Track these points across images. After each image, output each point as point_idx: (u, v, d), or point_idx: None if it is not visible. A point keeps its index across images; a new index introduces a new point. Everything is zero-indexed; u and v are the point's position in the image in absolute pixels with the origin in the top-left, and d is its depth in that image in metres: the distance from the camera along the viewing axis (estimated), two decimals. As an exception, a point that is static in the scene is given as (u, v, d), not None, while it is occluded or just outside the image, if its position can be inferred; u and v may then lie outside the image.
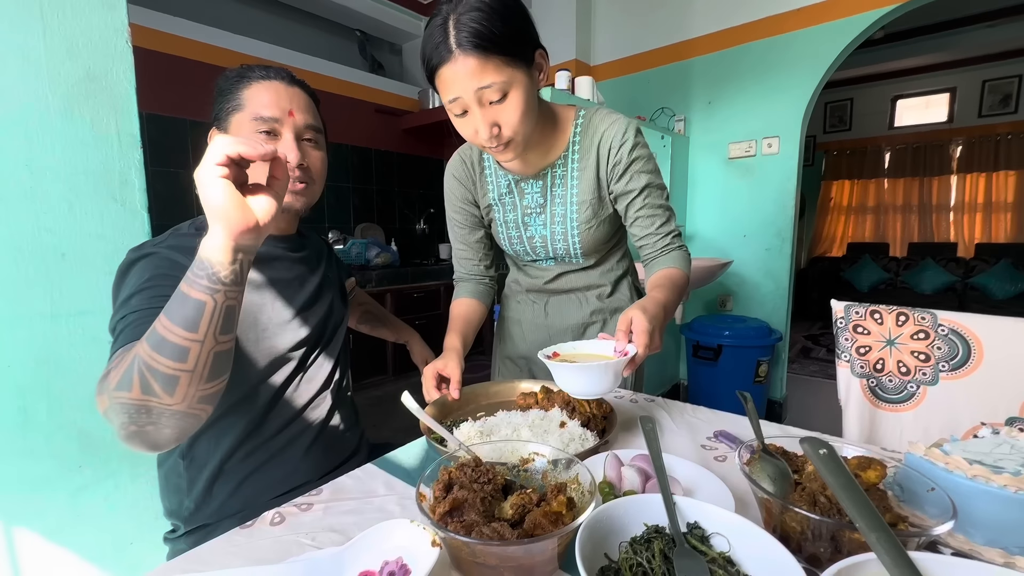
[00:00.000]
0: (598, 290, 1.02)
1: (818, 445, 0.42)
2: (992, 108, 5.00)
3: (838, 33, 2.29)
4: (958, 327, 0.80)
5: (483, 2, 0.68)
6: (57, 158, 0.78)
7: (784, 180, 2.52)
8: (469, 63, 0.68)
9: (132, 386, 0.49)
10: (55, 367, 0.80)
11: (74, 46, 0.78)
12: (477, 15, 0.67)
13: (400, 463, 0.68)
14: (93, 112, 0.81)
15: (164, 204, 2.35)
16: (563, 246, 0.96)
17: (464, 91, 0.70)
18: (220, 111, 0.75)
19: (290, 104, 0.75)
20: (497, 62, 0.69)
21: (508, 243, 1.00)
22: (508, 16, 0.69)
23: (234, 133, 0.72)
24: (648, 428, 0.53)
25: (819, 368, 3.68)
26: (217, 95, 0.75)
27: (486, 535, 0.39)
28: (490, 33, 0.67)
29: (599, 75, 3.05)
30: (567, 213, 0.92)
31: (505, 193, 0.95)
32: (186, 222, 0.76)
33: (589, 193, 0.90)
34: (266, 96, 0.73)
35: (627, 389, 1.01)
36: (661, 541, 0.40)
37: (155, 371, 0.49)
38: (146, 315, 0.59)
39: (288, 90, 0.75)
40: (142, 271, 0.65)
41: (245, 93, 0.73)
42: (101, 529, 0.87)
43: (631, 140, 0.87)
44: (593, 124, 0.89)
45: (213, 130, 0.75)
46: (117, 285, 0.67)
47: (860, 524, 0.35)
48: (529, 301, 1.08)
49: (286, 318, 0.77)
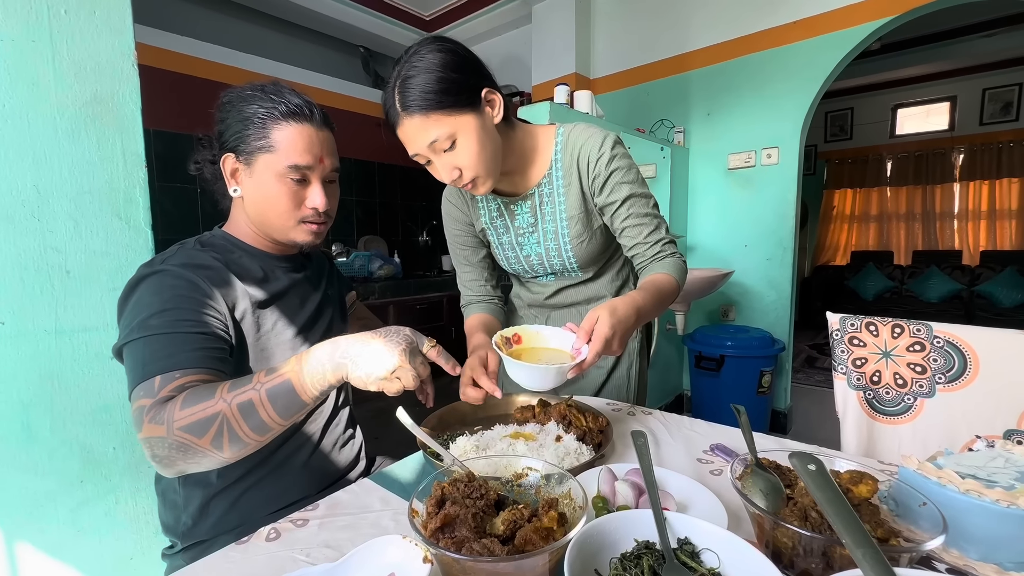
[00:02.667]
0: (599, 302, 0.99)
1: (807, 460, 0.42)
2: (993, 116, 5.01)
3: (835, 45, 2.31)
4: (954, 339, 0.80)
5: (421, 64, 0.73)
6: (64, 178, 0.80)
7: (784, 190, 2.53)
8: (415, 122, 0.74)
9: (205, 436, 0.56)
10: (58, 383, 0.81)
11: (82, 70, 0.80)
12: (417, 79, 0.73)
13: (397, 478, 0.68)
14: (99, 133, 0.83)
15: (170, 220, 2.39)
16: (559, 261, 0.97)
17: (418, 147, 0.76)
18: (241, 141, 0.72)
19: (321, 150, 0.75)
20: (438, 116, 0.73)
21: (506, 263, 1.02)
22: (443, 72, 0.73)
23: (260, 172, 0.72)
24: (640, 443, 0.53)
25: (824, 378, 3.65)
26: (235, 120, 0.73)
27: (476, 551, 0.39)
28: (427, 92, 0.72)
29: (598, 88, 3.08)
30: (558, 229, 0.93)
31: (496, 216, 0.96)
32: (191, 239, 0.77)
33: (577, 208, 0.91)
34: (300, 142, 0.73)
35: (627, 402, 1.01)
36: (651, 557, 0.41)
37: (234, 433, 0.57)
38: (175, 341, 0.62)
39: (319, 135, 0.75)
40: (155, 289, 0.66)
41: (276, 135, 0.72)
42: (101, 544, 0.87)
43: (608, 152, 0.87)
44: (572, 140, 0.90)
45: (229, 157, 0.74)
46: (124, 299, 0.68)
47: (847, 540, 0.35)
48: (531, 316, 1.09)
49: (287, 337, 0.78)
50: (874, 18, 2.21)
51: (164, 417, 0.57)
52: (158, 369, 0.60)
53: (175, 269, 0.68)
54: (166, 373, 0.60)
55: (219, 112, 0.75)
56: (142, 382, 0.60)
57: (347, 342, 0.59)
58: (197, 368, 0.62)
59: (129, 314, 0.65)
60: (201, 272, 0.69)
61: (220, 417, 0.56)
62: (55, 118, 0.79)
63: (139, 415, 0.58)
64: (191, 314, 0.65)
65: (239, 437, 0.57)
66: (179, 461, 0.58)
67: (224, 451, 0.58)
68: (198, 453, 0.57)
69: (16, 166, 0.75)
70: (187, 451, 0.57)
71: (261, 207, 0.75)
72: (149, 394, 0.59)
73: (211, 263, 0.72)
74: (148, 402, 0.58)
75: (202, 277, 0.69)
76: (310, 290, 0.86)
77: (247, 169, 0.74)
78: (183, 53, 2.30)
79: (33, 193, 0.77)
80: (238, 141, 0.73)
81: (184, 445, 0.56)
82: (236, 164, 0.74)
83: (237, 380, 0.60)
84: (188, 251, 0.73)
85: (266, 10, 2.83)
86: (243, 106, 0.73)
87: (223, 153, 0.74)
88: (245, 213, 0.78)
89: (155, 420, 0.57)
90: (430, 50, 0.74)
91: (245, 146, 0.72)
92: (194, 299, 0.66)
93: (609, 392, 1.05)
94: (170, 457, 0.57)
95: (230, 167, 0.75)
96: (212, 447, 0.57)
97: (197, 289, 0.67)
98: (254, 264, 0.78)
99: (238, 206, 0.79)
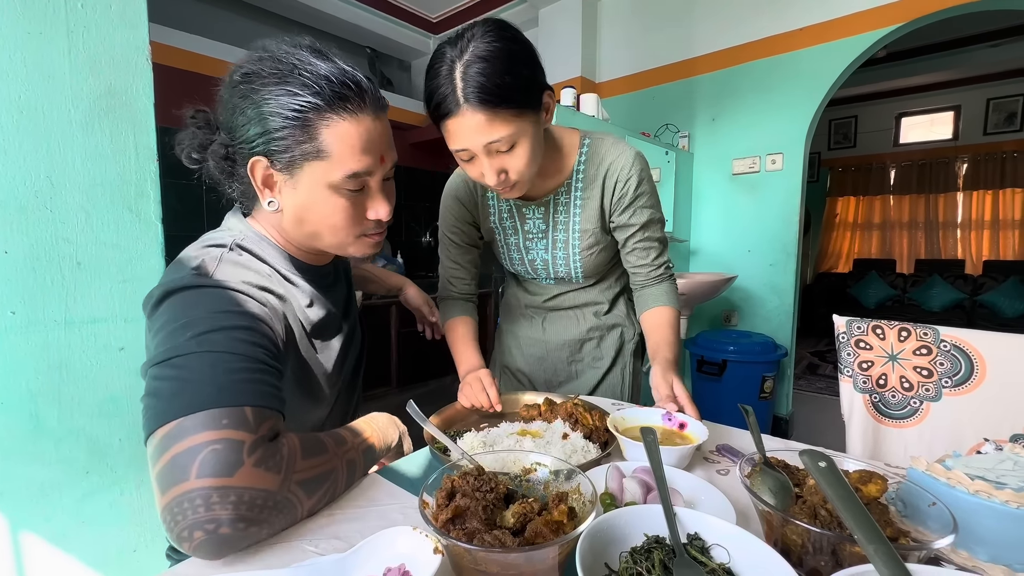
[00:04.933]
0: (595, 307, 1.03)
1: (818, 458, 0.42)
2: (997, 126, 5.01)
3: (841, 53, 2.32)
4: (960, 343, 0.80)
5: (490, 52, 0.65)
6: (77, 170, 0.80)
7: (788, 196, 2.54)
8: (477, 118, 0.66)
9: (313, 496, 0.51)
10: (67, 373, 0.81)
11: (97, 63, 0.81)
12: (484, 67, 0.64)
13: (404, 472, 0.68)
14: (112, 126, 0.84)
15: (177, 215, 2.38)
16: (565, 270, 0.96)
17: (470, 143, 0.69)
18: (273, 143, 0.56)
19: (381, 144, 0.60)
20: (505, 116, 0.67)
21: (509, 263, 1.01)
22: (515, 66, 0.66)
23: (308, 184, 0.58)
24: (650, 439, 0.53)
25: (826, 385, 3.64)
26: (258, 113, 0.56)
27: (487, 542, 0.40)
28: (497, 88, 0.64)
29: (604, 92, 3.09)
30: (569, 240, 0.92)
31: (506, 217, 0.95)
32: (224, 236, 0.64)
33: (593, 222, 0.90)
34: (358, 142, 0.57)
35: (628, 401, 1.02)
36: (661, 551, 0.41)
37: (334, 494, 0.54)
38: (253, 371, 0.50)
39: (377, 125, 0.59)
40: (212, 302, 0.53)
41: (327, 136, 0.56)
42: (105, 535, 0.87)
43: (637, 175, 0.86)
44: (599, 153, 0.87)
45: (260, 163, 0.58)
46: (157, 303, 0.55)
47: (858, 536, 0.35)
48: (528, 316, 1.09)
49: (329, 364, 0.73)
50: (880, 26, 2.21)
51: (283, 465, 0.46)
52: (246, 398, 0.47)
53: (238, 285, 0.56)
54: (258, 407, 0.47)
55: (229, 93, 0.60)
56: (217, 407, 0.45)
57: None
58: (278, 411, 0.51)
59: (174, 322, 0.51)
60: (262, 294, 0.58)
61: (333, 476, 0.51)
62: (70, 110, 0.79)
63: (231, 451, 0.43)
64: (262, 344, 0.53)
65: (328, 499, 0.51)
66: (253, 529, 0.45)
67: (303, 516, 0.50)
68: (283, 520, 0.47)
69: (31, 157, 0.76)
70: (280, 514, 0.46)
71: (311, 224, 0.62)
72: (243, 426, 0.45)
73: (268, 283, 0.61)
74: (245, 437, 0.45)
75: (264, 301, 0.58)
76: (340, 316, 0.77)
77: (288, 180, 0.59)
78: (192, 51, 2.32)
79: (46, 184, 0.77)
80: (269, 143, 0.57)
81: (287, 504, 0.46)
82: (270, 171, 0.59)
83: (331, 434, 0.55)
84: (234, 264, 0.59)
85: (274, 9, 2.85)
86: (269, 94, 0.55)
87: (241, 149, 0.60)
88: (279, 221, 0.65)
89: (268, 466, 0.45)
90: (499, 37, 0.66)
91: (283, 153, 0.57)
92: (261, 332, 0.54)
93: (604, 392, 1.06)
94: (255, 520, 0.44)
95: (261, 174, 0.59)
96: (305, 512, 0.49)
97: (260, 319, 0.55)
98: (300, 279, 0.67)
99: (269, 213, 0.65)
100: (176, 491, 0.43)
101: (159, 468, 0.45)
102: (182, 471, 0.43)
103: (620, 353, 1.06)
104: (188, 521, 0.42)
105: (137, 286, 0.87)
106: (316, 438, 0.53)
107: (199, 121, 0.64)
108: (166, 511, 0.43)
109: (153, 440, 0.46)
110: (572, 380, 1.06)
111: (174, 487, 0.43)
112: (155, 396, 0.48)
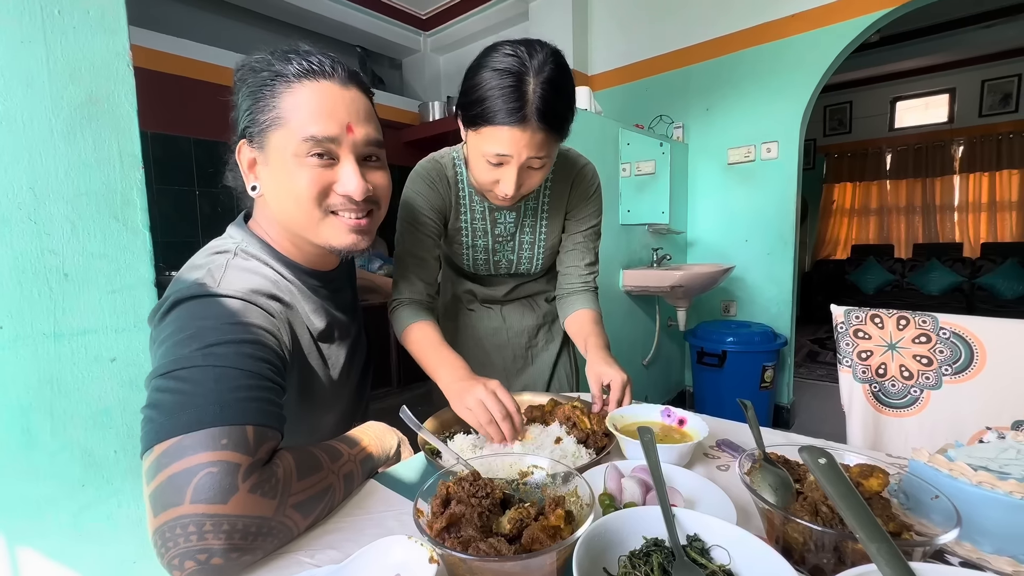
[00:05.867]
0: (546, 294, 1.10)
1: (817, 454, 0.41)
2: (992, 108, 4.99)
3: (834, 38, 2.30)
4: (960, 330, 0.80)
5: (562, 78, 0.70)
6: (60, 180, 0.79)
7: (784, 184, 2.52)
8: (538, 137, 0.70)
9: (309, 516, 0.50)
10: (58, 386, 0.80)
11: (76, 71, 0.80)
12: (558, 93, 0.69)
13: (400, 478, 0.67)
14: (95, 134, 0.82)
15: (170, 222, 2.38)
16: (527, 267, 1.01)
17: (519, 156, 0.71)
18: (251, 122, 0.58)
19: (347, 114, 0.57)
20: (554, 140, 0.73)
21: (472, 263, 1.00)
22: (572, 97, 0.73)
23: (275, 157, 0.57)
24: (647, 439, 0.52)
25: (826, 372, 3.64)
26: (244, 95, 0.59)
27: (483, 551, 0.39)
28: (562, 114, 0.71)
29: (596, 85, 3.07)
30: (535, 241, 0.98)
31: (479, 219, 0.95)
32: (228, 243, 0.64)
33: (558, 225, 0.97)
34: (315, 103, 0.55)
35: (575, 391, 1.07)
36: (660, 554, 0.40)
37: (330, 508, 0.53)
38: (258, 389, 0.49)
39: (344, 94, 0.57)
40: (218, 315, 0.53)
41: (286, 100, 0.55)
42: (104, 548, 0.86)
43: (596, 183, 0.96)
44: (567, 165, 0.94)
45: (244, 145, 0.60)
46: (165, 313, 0.54)
47: (861, 535, 0.34)
48: (484, 309, 1.09)
49: (336, 375, 0.73)
50: (873, 10, 2.20)
51: (278, 489, 0.45)
52: (249, 417, 0.46)
53: (245, 295, 0.55)
54: (260, 427, 0.46)
55: (233, 92, 0.62)
56: (219, 425, 0.44)
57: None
58: (278, 430, 0.50)
59: (181, 332, 0.51)
60: (268, 303, 0.57)
61: (330, 492, 0.50)
62: (51, 119, 0.78)
63: (227, 475, 0.42)
64: (267, 359, 0.52)
65: (325, 514, 0.51)
66: (246, 558, 0.44)
67: (299, 535, 0.49)
68: (277, 543, 0.46)
69: (12, 169, 0.75)
70: (274, 539, 0.45)
71: (281, 202, 0.60)
72: (241, 447, 0.44)
73: (275, 290, 0.60)
74: (242, 459, 0.43)
75: (271, 310, 0.56)
76: (348, 323, 0.75)
77: (261, 155, 0.59)
78: (180, 55, 2.29)
79: (29, 195, 0.76)
80: (249, 121, 0.58)
81: (281, 529, 0.45)
82: (252, 152, 0.60)
83: (326, 448, 0.54)
84: (242, 271, 0.58)
85: (262, 11, 2.83)
86: (252, 77, 0.58)
87: (235, 142, 0.62)
88: (269, 214, 0.64)
89: (263, 492, 0.44)
90: (564, 66, 0.71)
91: (255, 126, 0.57)
92: (268, 345, 0.53)
93: (559, 378, 1.12)
94: (248, 549, 0.43)
95: (247, 157, 0.60)
96: (300, 531, 0.48)
97: (267, 330, 0.54)
98: (306, 285, 0.66)
99: (262, 206, 0.65)
100: (169, 515, 0.42)
101: (154, 487, 0.44)
102: (176, 493, 0.42)
103: (566, 336, 1.11)
104: (180, 549, 0.41)
105: (126, 296, 0.86)
106: (311, 455, 0.52)
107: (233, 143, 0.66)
108: (157, 534, 0.42)
109: (150, 456, 0.45)
110: (528, 366, 1.11)
111: (167, 510, 0.42)
112: (156, 409, 0.46)
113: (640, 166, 2.57)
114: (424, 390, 3.02)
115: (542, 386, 1.10)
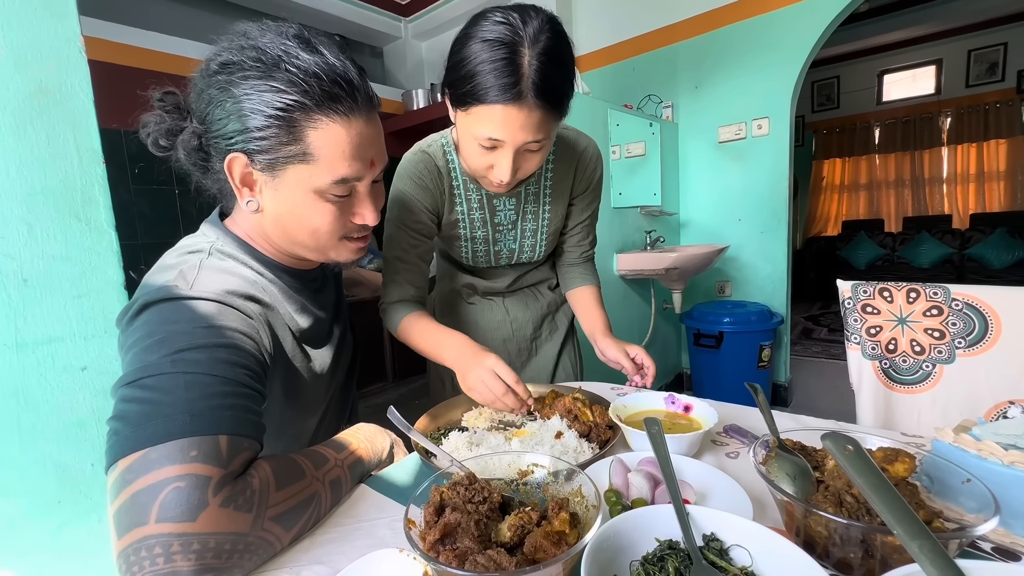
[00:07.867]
0: (548, 282, 1.07)
1: (843, 441, 0.38)
2: (979, 78, 4.98)
3: (822, 8, 2.25)
4: (973, 300, 0.76)
5: (560, 48, 0.62)
6: (11, 178, 0.73)
7: (776, 160, 2.49)
8: (535, 115, 0.62)
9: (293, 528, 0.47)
10: (24, 400, 0.75)
11: (22, 58, 0.73)
12: (556, 65, 0.61)
13: (393, 481, 0.63)
14: (48, 127, 0.76)
15: (149, 222, 2.30)
16: (529, 255, 0.96)
17: (513, 139, 0.64)
18: (253, 142, 0.52)
19: (372, 148, 0.56)
20: (553, 118, 0.65)
21: (471, 256, 0.94)
22: (572, 70, 0.65)
23: (291, 188, 0.54)
24: (654, 431, 0.49)
25: (822, 348, 3.65)
26: (237, 107, 0.52)
27: (481, 565, 0.35)
28: (561, 89, 0.63)
29: (583, 66, 3.00)
30: (539, 227, 0.92)
31: (476, 209, 0.88)
32: (202, 242, 0.61)
33: (562, 209, 0.92)
34: (348, 146, 0.53)
35: (577, 380, 1.05)
36: (676, 558, 0.36)
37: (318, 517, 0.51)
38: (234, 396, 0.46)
39: (369, 128, 0.56)
40: (190, 318, 0.50)
41: (315, 139, 0.52)
42: (86, 565, 0.82)
43: (600, 166, 0.92)
44: (568, 145, 0.88)
45: (238, 160, 0.54)
46: (133, 317, 0.51)
47: (899, 532, 0.31)
48: (486, 302, 1.04)
49: (319, 374, 0.70)
50: (862, -22, 2.15)
51: (254, 502, 0.42)
52: (222, 426, 0.43)
53: (220, 296, 0.52)
54: (235, 436, 0.43)
55: (205, 83, 0.56)
56: (187, 436, 0.41)
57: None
58: (256, 440, 0.47)
59: (149, 337, 0.47)
60: (246, 304, 0.54)
61: (315, 501, 0.47)
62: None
63: (195, 490, 0.39)
64: (244, 364, 0.49)
65: (311, 525, 0.48)
66: (223, 575, 0.40)
67: (282, 549, 0.46)
68: (257, 560, 0.43)
69: (-45, 167, 0.69)
70: (253, 556, 0.42)
71: (292, 228, 0.59)
72: (213, 459, 0.41)
73: (252, 291, 0.57)
74: (213, 472, 0.40)
75: (248, 312, 0.54)
76: (330, 321, 0.74)
77: (270, 180, 0.55)
78: (150, 48, 2.19)
79: (-22, 196, 0.70)
80: (249, 141, 0.53)
81: (260, 544, 0.42)
82: (250, 170, 0.55)
83: (310, 454, 0.52)
84: (215, 271, 0.55)
85: (238, 1, 2.72)
86: (252, 89, 0.51)
87: (217, 143, 0.56)
88: (260, 224, 0.61)
89: (237, 505, 0.41)
90: (561, 35, 0.63)
91: (264, 153, 0.53)
92: (245, 349, 0.51)
93: (564, 367, 1.09)
94: (222, 569, 0.40)
95: (240, 172, 0.55)
96: (283, 545, 0.45)
97: (244, 333, 0.52)
98: (286, 285, 0.64)
99: (251, 216, 0.62)
100: (133, 535, 0.38)
101: (117, 506, 0.40)
102: (141, 512, 0.39)
103: (571, 324, 1.10)
104: (146, 573, 0.37)
105: (94, 300, 0.80)
106: (292, 463, 0.48)
107: (167, 105, 0.60)
108: (121, 557, 0.39)
109: (114, 472, 0.42)
110: (533, 357, 1.07)
111: (131, 530, 0.39)
112: (122, 420, 0.43)
113: (630, 148, 2.52)
114: (421, 381, 2.99)
115: (546, 377, 1.06)
